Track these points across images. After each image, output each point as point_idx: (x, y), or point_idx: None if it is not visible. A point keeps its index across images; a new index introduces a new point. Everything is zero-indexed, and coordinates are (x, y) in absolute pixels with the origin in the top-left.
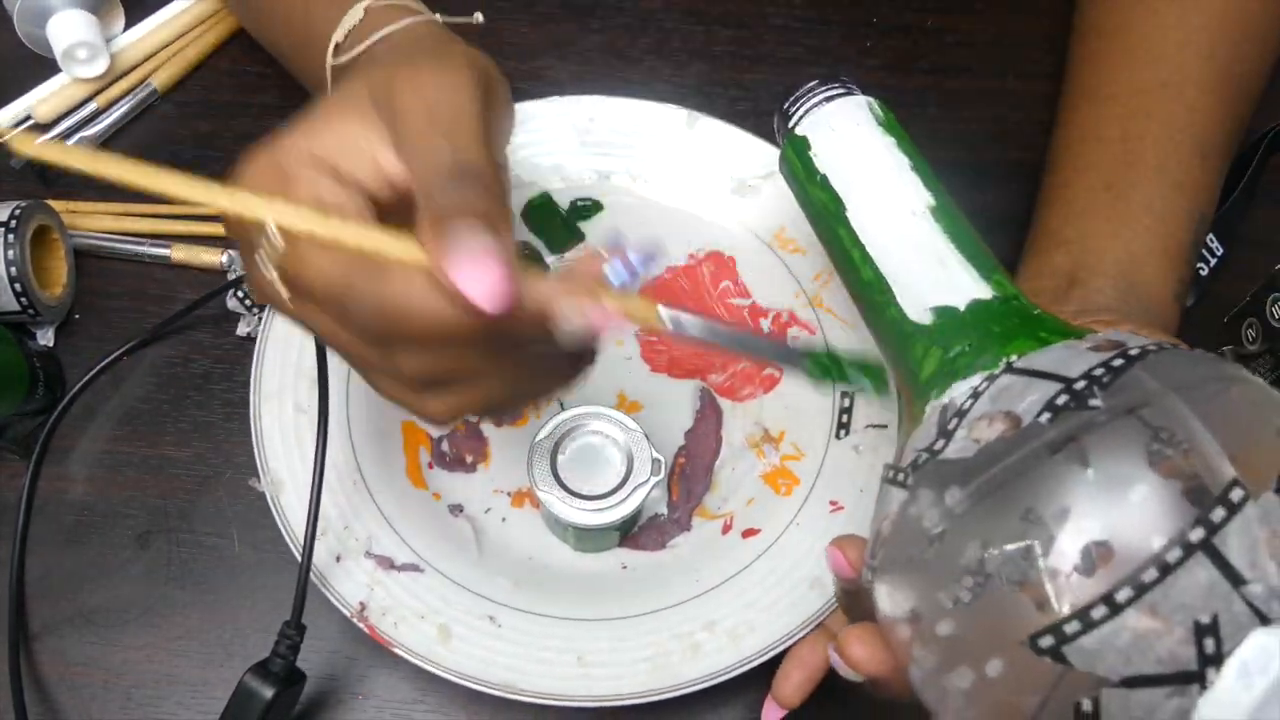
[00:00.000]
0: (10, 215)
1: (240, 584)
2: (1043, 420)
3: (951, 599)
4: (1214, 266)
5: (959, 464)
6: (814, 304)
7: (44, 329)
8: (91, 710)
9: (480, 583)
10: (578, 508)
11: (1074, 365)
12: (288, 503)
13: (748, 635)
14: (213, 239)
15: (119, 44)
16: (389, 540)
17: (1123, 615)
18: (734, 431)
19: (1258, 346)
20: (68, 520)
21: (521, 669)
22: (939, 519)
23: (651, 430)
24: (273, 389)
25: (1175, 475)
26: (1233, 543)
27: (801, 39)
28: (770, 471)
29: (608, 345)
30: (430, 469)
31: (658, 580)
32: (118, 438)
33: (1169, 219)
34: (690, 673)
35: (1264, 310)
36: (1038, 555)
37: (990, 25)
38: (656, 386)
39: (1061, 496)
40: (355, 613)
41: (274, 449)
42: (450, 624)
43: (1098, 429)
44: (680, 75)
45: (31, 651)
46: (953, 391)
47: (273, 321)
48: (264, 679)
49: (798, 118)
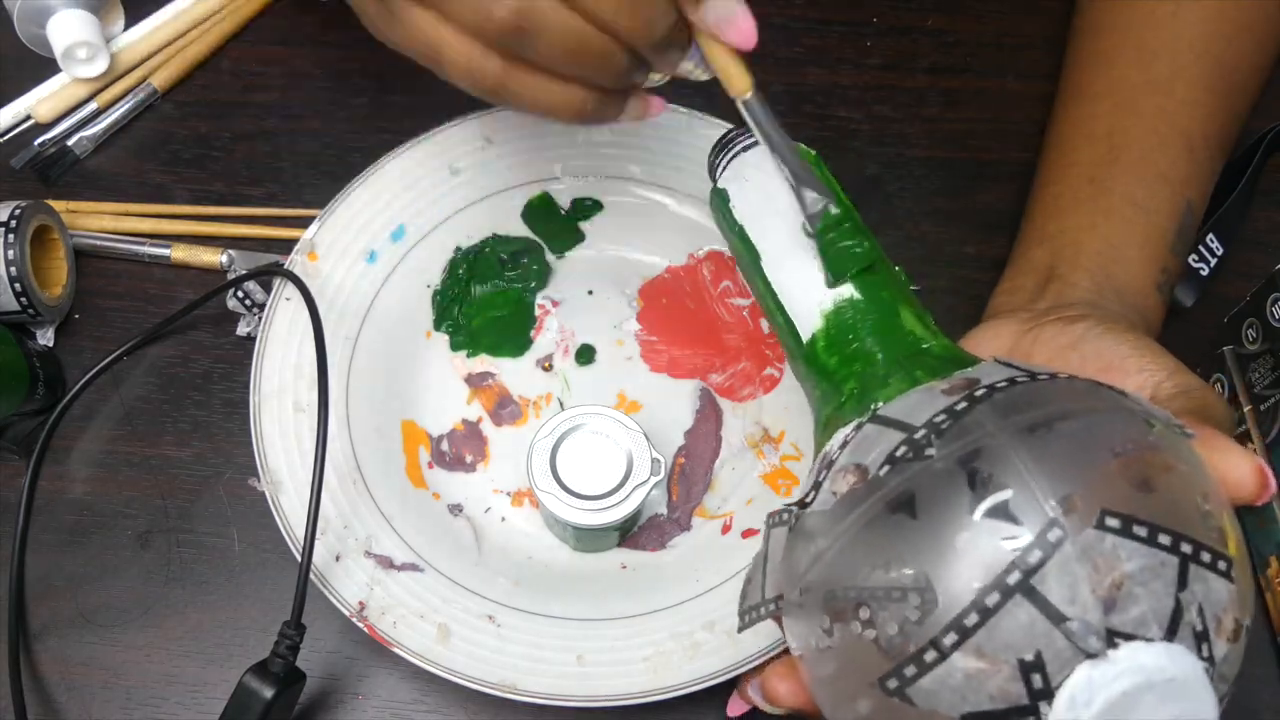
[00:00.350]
0: (10, 215)
1: (240, 584)
2: (882, 473)
3: (821, 644)
4: (1214, 266)
5: (819, 516)
6: None
7: (44, 329)
8: (91, 710)
9: (480, 582)
10: (577, 507)
11: (922, 412)
12: (287, 502)
13: (747, 635)
14: (212, 239)
15: (119, 44)
16: (388, 540)
17: (951, 659)
18: (734, 431)
19: (1258, 346)
20: (68, 520)
21: (521, 668)
22: (805, 566)
23: (651, 430)
24: (272, 388)
25: (996, 518)
26: (1051, 582)
27: (801, 39)
28: (770, 472)
29: (608, 346)
30: (430, 468)
31: (657, 580)
32: (117, 438)
33: (1152, 210)
34: (690, 673)
35: (1264, 310)
36: (877, 607)
37: (990, 25)
38: (656, 386)
39: (896, 549)
40: (354, 612)
41: (273, 448)
42: (450, 623)
43: (927, 480)
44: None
45: (31, 651)
46: (832, 441)
47: (273, 320)
48: (263, 679)
49: (720, 170)
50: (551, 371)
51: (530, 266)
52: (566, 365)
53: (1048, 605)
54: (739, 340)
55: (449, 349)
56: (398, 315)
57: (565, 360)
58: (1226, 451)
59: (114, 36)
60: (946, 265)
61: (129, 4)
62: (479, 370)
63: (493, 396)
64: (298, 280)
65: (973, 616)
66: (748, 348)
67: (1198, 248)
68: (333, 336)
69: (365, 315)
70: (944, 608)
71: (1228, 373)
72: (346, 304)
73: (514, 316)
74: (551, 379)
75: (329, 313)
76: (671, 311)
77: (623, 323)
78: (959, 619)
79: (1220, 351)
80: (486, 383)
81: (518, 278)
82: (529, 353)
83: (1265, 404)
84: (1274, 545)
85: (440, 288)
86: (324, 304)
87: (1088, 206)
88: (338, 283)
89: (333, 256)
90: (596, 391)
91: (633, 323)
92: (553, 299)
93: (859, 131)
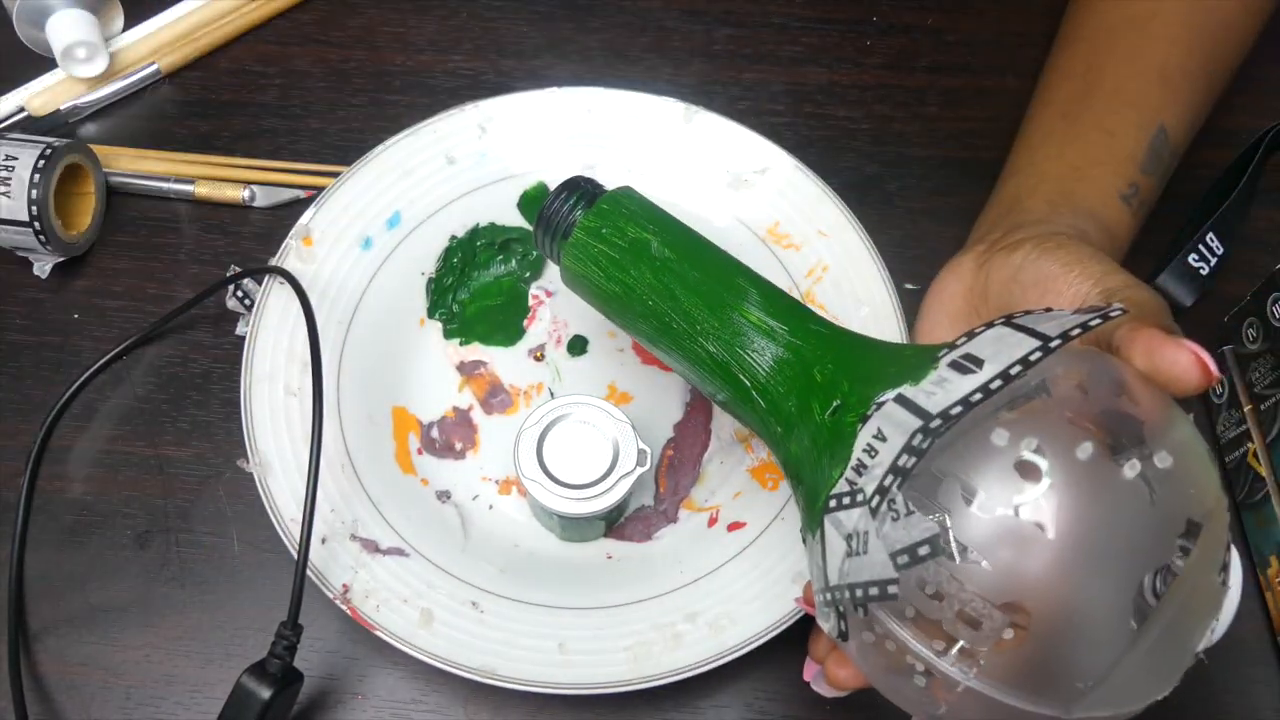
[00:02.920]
0: (49, 144)
1: (240, 584)
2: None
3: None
4: (1214, 266)
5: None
6: (805, 299)
7: (44, 262)
8: (91, 710)
9: (465, 568)
10: (561, 496)
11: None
12: (275, 484)
13: (729, 627)
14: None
15: (118, 44)
16: (375, 524)
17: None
18: (723, 426)
19: (1258, 346)
20: (67, 520)
21: (502, 654)
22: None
23: (641, 422)
24: (264, 372)
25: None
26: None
27: (801, 38)
28: (758, 466)
29: (600, 337)
30: (419, 455)
31: (642, 571)
32: (117, 437)
33: (1119, 133)
34: (670, 663)
35: (1264, 310)
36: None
37: (990, 25)
38: (648, 379)
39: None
40: (338, 595)
41: (263, 431)
42: (433, 608)
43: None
44: (680, 74)
45: (31, 651)
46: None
47: (266, 305)
48: (261, 679)
49: (554, 249)
50: (543, 361)
51: (525, 256)
52: (558, 355)
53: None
54: None
55: (442, 337)
56: (391, 302)
57: (557, 350)
58: (1162, 346)
59: (113, 36)
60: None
61: (128, 4)
62: (471, 358)
63: (484, 385)
64: (292, 279)
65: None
66: None
67: (1197, 247)
68: (326, 322)
69: (359, 301)
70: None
71: (1228, 372)
72: (341, 289)
73: (507, 305)
74: (543, 369)
75: (323, 298)
76: None
77: None
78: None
79: (1220, 351)
80: (478, 371)
81: (512, 267)
82: (521, 342)
83: (1265, 404)
84: (1274, 545)
85: (435, 275)
86: (318, 289)
87: (1057, 137)
88: (332, 268)
89: (328, 242)
90: (587, 382)
91: None
92: (546, 289)
93: (859, 131)
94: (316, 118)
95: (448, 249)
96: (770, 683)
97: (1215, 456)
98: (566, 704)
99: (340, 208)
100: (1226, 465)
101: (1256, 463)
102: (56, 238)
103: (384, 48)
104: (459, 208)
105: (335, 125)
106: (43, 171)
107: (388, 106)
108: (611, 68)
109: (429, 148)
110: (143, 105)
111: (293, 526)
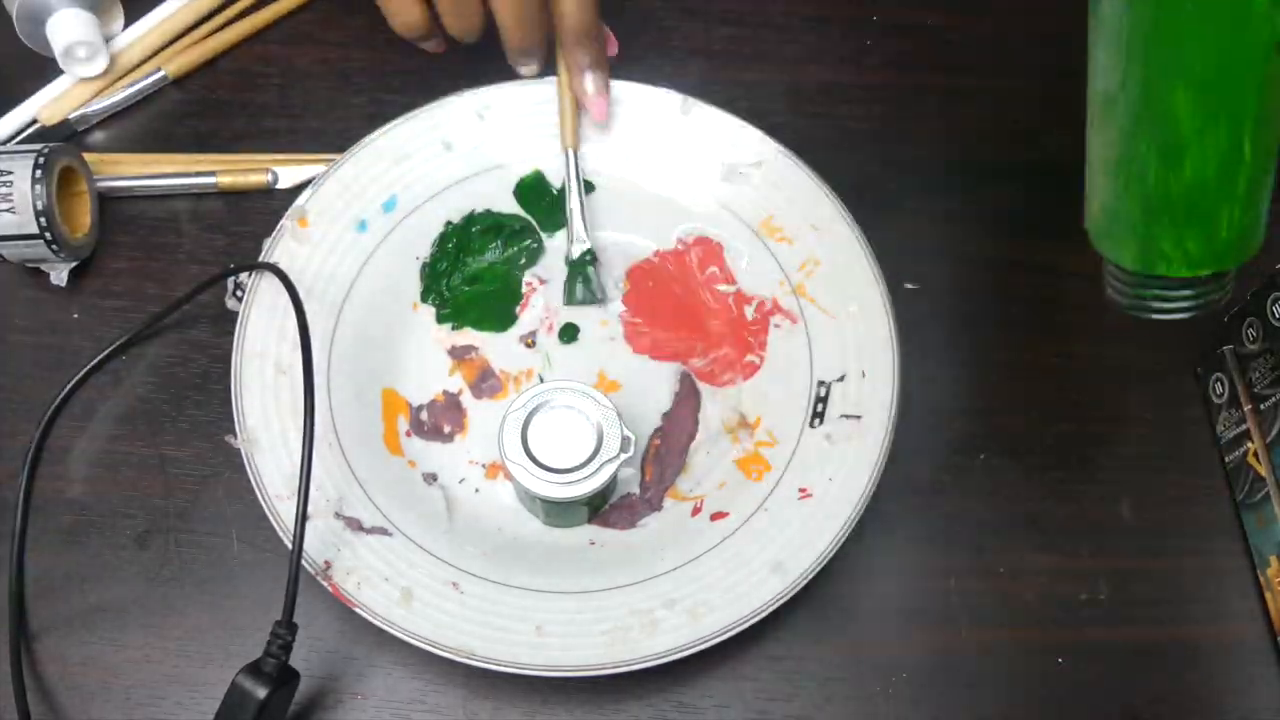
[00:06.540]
0: (39, 154)
1: (239, 583)
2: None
3: None
4: None
5: None
6: (797, 292)
7: (60, 269)
8: (91, 710)
9: (447, 550)
10: (544, 480)
11: None
12: (262, 460)
13: (707, 615)
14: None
15: (118, 43)
16: (359, 503)
17: None
18: (711, 416)
19: (1258, 346)
20: (66, 520)
21: (479, 634)
22: None
23: (629, 410)
24: (255, 349)
25: None
26: None
27: (801, 37)
28: (744, 457)
29: (592, 325)
30: (408, 436)
31: (624, 557)
32: (116, 437)
33: None
34: (647, 648)
35: (1264, 310)
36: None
37: (990, 25)
38: (637, 367)
39: None
40: (319, 571)
41: (252, 407)
42: (413, 587)
43: None
44: (680, 73)
45: (31, 651)
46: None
47: (259, 285)
48: (256, 679)
49: None
50: (534, 348)
51: (520, 243)
52: (550, 342)
53: None
54: (722, 326)
55: (434, 321)
56: (385, 285)
57: (549, 337)
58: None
59: (113, 35)
60: (947, 265)
61: (128, 3)
62: (462, 343)
63: (475, 369)
64: (282, 275)
65: None
66: (730, 334)
67: None
68: (319, 302)
69: (353, 283)
70: None
71: (1228, 372)
72: (335, 271)
73: (501, 292)
74: (534, 355)
75: (316, 279)
76: (658, 295)
77: (608, 303)
78: None
79: (1220, 351)
80: (469, 355)
81: (507, 254)
82: (513, 328)
83: (1265, 404)
84: (1274, 545)
85: (429, 260)
86: (312, 270)
87: None
88: (327, 250)
89: (323, 223)
90: (578, 369)
91: (618, 304)
92: (540, 276)
93: (859, 131)
94: (316, 118)
95: (443, 234)
96: (771, 683)
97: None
98: (566, 704)
99: (336, 190)
100: (1226, 465)
101: (1256, 463)
102: (67, 243)
103: (384, 48)
104: (455, 193)
105: (335, 125)
106: (43, 181)
107: (387, 106)
108: (611, 66)
109: (427, 133)
110: (145, 109)
111: (278, 503)
